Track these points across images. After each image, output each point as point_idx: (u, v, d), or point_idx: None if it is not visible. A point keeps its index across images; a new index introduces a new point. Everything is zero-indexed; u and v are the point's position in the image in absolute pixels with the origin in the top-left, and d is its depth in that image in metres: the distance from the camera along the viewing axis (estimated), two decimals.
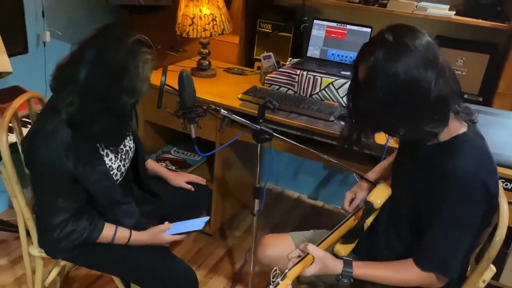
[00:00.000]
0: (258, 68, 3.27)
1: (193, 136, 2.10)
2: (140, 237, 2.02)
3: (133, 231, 2.01)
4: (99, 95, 1.78)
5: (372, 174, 2.09)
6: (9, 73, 2.71)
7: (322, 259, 1.68)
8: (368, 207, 1.82)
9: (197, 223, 2.13)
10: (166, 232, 2.05)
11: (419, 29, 1.55)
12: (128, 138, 2.14)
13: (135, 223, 2.05)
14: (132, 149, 2.16)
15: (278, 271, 1.55)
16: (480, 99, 2.81)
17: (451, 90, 1.54)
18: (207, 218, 2.17)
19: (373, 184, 2.03)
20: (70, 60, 1.83)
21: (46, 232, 1.94)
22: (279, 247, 2.01)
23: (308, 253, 1.68)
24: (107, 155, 1.98)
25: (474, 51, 2.78)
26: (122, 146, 2.07)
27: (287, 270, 1.59)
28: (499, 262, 2.35)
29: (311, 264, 1.67)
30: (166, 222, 2.07)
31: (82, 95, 1.78)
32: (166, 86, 2.04)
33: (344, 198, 2.04)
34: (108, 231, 1.96)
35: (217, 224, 3.27)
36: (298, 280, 2.02)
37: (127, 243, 2.00)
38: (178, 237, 2.07)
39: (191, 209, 2.41)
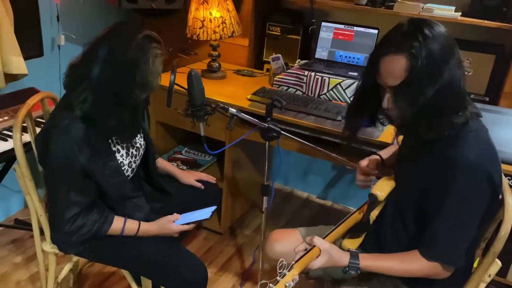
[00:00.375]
0: (268, 70, 3.26)
1: (202, 134, 2.10)
2: (148, 227, 2.02)
3: (142, 222, 2.01)
4: (112, 91, 1.80)
5: (383, 153, 2.06)
6: (24, 75, 2.74)
7: (329, 251, 1.66)
8: (372, 199, 1.81)
9: (205, 213, 2.14)
10: (175, 222, 2.05)
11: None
12: (138, 136, 2.14)
13: (145, 218, 2.05)
14: (143, 147, 2.17)
15: (284, 263, 1.54)
16: (487, 99, 2.79)
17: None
18: (214, 207, 2.17)
19: (383, 161, 2.00)
20: (83, 59, 1.86)
21: (57, 227, 1.95)
22: (287, 241, 1.99)
23: (314, 246, 1.66)
24: (118, 151, 1.99)
25: (480, 52, 2.76)
26: (133, 143, 2.08)
27: (293, 262, 1.57)
28: (506, 259, 2.33)
29: (317, 256, 1.66)
30: (175, 213, 2.08)
31: (95, 91, 1.80)
32: (175, 86, 2.04)
33: (358, 168, 2.00)
34: (118, 224, 1.97)
35: (227, 223, 3.27)
36: (307, 275, 2.00)
37: (136, 234, 2.00)
38: (186, 227, 2.07)
39: (201, 207, 2.40)
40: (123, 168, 1.99)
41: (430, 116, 1.52)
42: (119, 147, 2.00)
